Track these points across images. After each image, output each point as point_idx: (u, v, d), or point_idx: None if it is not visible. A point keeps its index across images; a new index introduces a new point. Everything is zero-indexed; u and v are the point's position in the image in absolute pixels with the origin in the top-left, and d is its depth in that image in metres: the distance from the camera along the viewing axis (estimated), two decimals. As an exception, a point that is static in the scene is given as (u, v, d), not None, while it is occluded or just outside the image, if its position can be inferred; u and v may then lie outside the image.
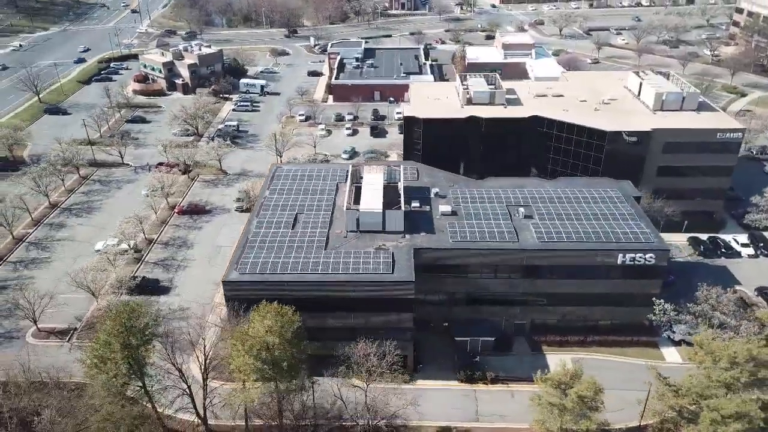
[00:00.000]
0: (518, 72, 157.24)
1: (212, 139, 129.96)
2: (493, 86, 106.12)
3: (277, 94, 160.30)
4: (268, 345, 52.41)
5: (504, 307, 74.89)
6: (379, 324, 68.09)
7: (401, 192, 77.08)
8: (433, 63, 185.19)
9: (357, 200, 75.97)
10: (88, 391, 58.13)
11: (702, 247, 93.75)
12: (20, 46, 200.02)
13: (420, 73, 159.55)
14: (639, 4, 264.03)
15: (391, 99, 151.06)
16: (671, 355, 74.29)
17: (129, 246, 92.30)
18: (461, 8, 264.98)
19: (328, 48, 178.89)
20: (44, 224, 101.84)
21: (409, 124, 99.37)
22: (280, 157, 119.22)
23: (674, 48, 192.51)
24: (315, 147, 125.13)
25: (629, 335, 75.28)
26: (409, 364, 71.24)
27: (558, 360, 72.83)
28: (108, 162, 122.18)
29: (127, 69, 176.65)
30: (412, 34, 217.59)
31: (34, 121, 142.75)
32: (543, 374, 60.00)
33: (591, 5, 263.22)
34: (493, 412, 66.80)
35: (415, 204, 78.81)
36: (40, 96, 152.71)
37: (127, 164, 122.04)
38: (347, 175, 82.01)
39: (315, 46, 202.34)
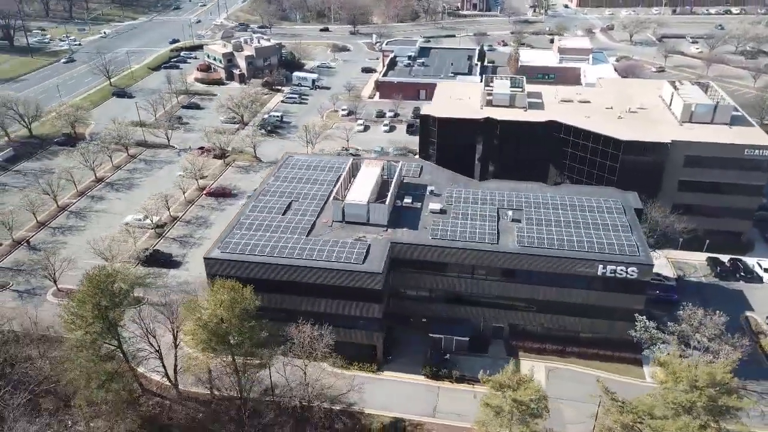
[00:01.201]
0: (572, 77, 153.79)
1: (263, 128, 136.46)
2: (519, 89, 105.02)
3: (328, 88, 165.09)
4: (217, 319, 55.88)
5: (481, 308, 74.81)
6: (348, 312, 70.28)
7: (390, 187, 78.60)
8: (489, 64, 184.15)
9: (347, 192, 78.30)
10: (64, 345, 64.02)
11: (719, 268, 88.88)
12: (105, 33, 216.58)
13: (468, 73, 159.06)
14: (728, 12, 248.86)
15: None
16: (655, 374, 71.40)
17: (152, 221, 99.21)
18: (534, 10, 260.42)
19: (383, 45, 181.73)
20: (87, 196, 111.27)
21: (424, 123, 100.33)
22: (312, 147, 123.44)
23: (752, 59, 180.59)
24: (348, 141, 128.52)
25: (611, 350, 73.14)
26: (379, 355, 72.90)
27: (530, 367, 72.75)
28: (155, 143, 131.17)
29: (195, 58, 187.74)
30: (475, 35, 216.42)
31: (102, 102, 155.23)
32: (486, 374, 59.82)
33: (674, 11, 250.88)
34: (451, 410, 67.21)
35: (408, 200, 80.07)
36: (111, 80, 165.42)
37: (173, 146, 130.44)
38: (348, 168, 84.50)
39: (376, 43, 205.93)
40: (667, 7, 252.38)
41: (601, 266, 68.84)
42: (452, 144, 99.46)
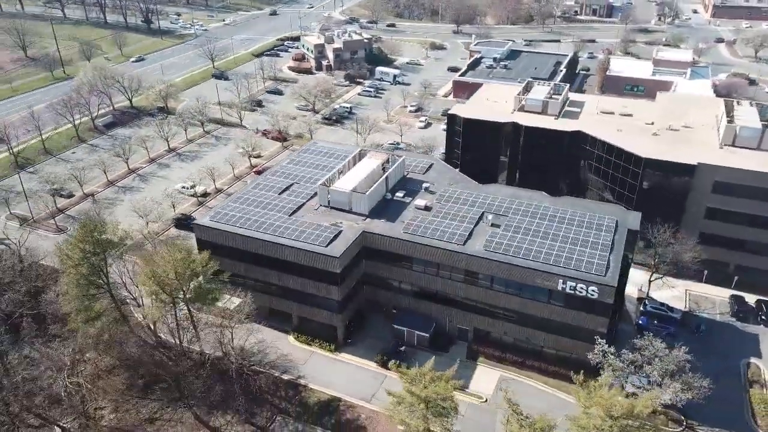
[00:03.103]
0: (663, 91, 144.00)
1: (326, 118, 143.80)
2: (558, 95, 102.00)
3: (408, 84, 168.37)
4: (165, 274, 62.64)
5: (447, 307, 75.22)
6: (311, 291, 74.33)
7: (381, 179, 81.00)
8: (580, 72, 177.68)
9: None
10: (60, 280, 74.20)
11: (737, 307, 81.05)
12: (224, 20, 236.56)
13: (549, 80, 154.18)
14: None
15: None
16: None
17: (195, 191, 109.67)
18: (659, 19, 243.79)
19: (472, 45, 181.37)
20: (156, 163, 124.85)
21: (451, 122, 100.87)
22: (364, 139, 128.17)
23: None
24: (401, 136, 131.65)
25: (573, 370, 69.98)
26: (339, 336, 76.13)
27: (484, 373, 72.30)
28: (230, 122, 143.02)
29: (295, 48, 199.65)
30: (583, 41, 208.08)
31: (202, 82, 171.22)
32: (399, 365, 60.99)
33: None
34: (388, 398, 68.78)
35: (399, 194, 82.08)
36: (215, 63, 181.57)
37: (244, 126, 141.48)
38: (353, 157, 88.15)
39: (476, 44, 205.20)
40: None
41: (561, 281, 66.68)
42: (477, 145, 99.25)
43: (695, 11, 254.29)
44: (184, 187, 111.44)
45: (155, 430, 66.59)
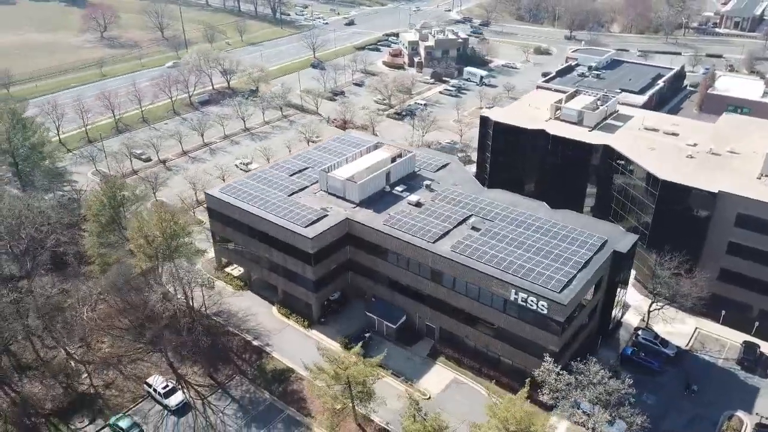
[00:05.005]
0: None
1: (397, 112, 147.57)
2: (597, 106, 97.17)
3: (494, 87, 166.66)
4: (149, 231, 70.73)
5: (416, 303, 76.14)
6: (290, 268, 79.03)
7: (379, 171, 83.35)
8: (686, 86, 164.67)
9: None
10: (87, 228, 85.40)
11: (744, 355, 73.13)
12: (340, 14, 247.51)
13: (639, 93, 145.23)
14: None
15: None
16: (560, 427, 65.11)
17: (248, 167, 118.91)
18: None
19: (569, 52, 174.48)
20: (229, 139, 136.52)
21: (483, 125, 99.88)
22: (422, 135, 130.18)
23: None
24: (461, 136, 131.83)
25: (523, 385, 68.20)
26: (314, 315, 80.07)
27: (439, 373, 72.66)
28: (308, 109, 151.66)
29: (396, 44, 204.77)
30: (708, 55, 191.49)
31: (300, 70, 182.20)
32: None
33: None
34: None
35: (398, 189, 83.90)
36: (316, 54, 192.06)
37: (319, 114, 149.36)
38: (367, 148, 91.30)
39: (575, 50, 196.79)
40: None
41: (514, 291, 65.25)
42: (505, 150, 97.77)
43: None
44: (242, 163, 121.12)
45: (134, 366, 75.21)
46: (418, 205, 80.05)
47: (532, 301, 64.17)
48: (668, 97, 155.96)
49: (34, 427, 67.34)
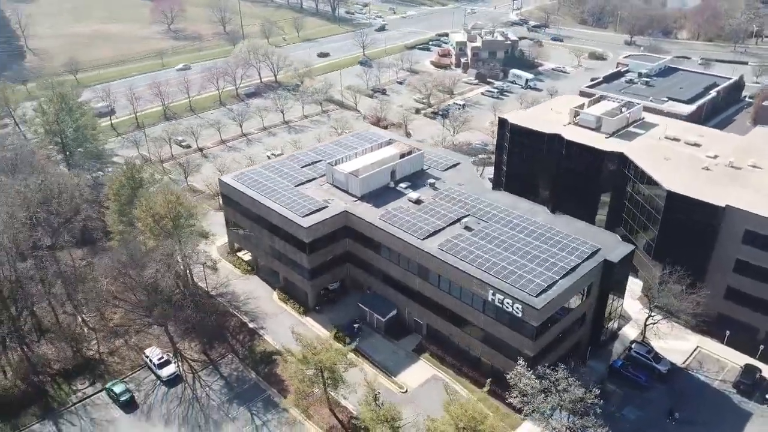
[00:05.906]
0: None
1: (437, 113, 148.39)
2: (619, 112, 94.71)
3: (539, 90, 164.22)
4: (155, 211, 75.18)
5: (406, 298, 77.14)
6: (289, 255, 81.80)
7: (383, 167, 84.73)
8: (744, 97, 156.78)
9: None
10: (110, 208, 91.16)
11: (742, 377, 69.88)
12: (397, 13, 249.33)
13: (686, 102, 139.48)
14: None
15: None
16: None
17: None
18: None
19: (620, 58, 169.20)
20: (267, 131, 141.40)
21: (501, 127, 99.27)
22: (453, 135, 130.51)
23: None
24: (494, 138, 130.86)
25: (503, 389, 68.03)
26: (310, 302, 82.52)
27: (421, 368, 73.49)
28: (347, 105, 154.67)
29: (446, 44, 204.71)
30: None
31: (348, 67, 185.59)
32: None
33: None
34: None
35: (402, 185, 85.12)
36: (365, 51, 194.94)
37: (357, 110, 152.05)
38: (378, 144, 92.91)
39: (626, 56, 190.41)
40: None
41: (491, 292, 65.30)
42: (521, 153, 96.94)
43: None
44: (272, 154, 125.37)
45: (139, 337, 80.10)
46: (417, 202, 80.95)
47: (507, 303, 64.04)
48: (722, 107, 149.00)
49: (41, 383, 73.17)
